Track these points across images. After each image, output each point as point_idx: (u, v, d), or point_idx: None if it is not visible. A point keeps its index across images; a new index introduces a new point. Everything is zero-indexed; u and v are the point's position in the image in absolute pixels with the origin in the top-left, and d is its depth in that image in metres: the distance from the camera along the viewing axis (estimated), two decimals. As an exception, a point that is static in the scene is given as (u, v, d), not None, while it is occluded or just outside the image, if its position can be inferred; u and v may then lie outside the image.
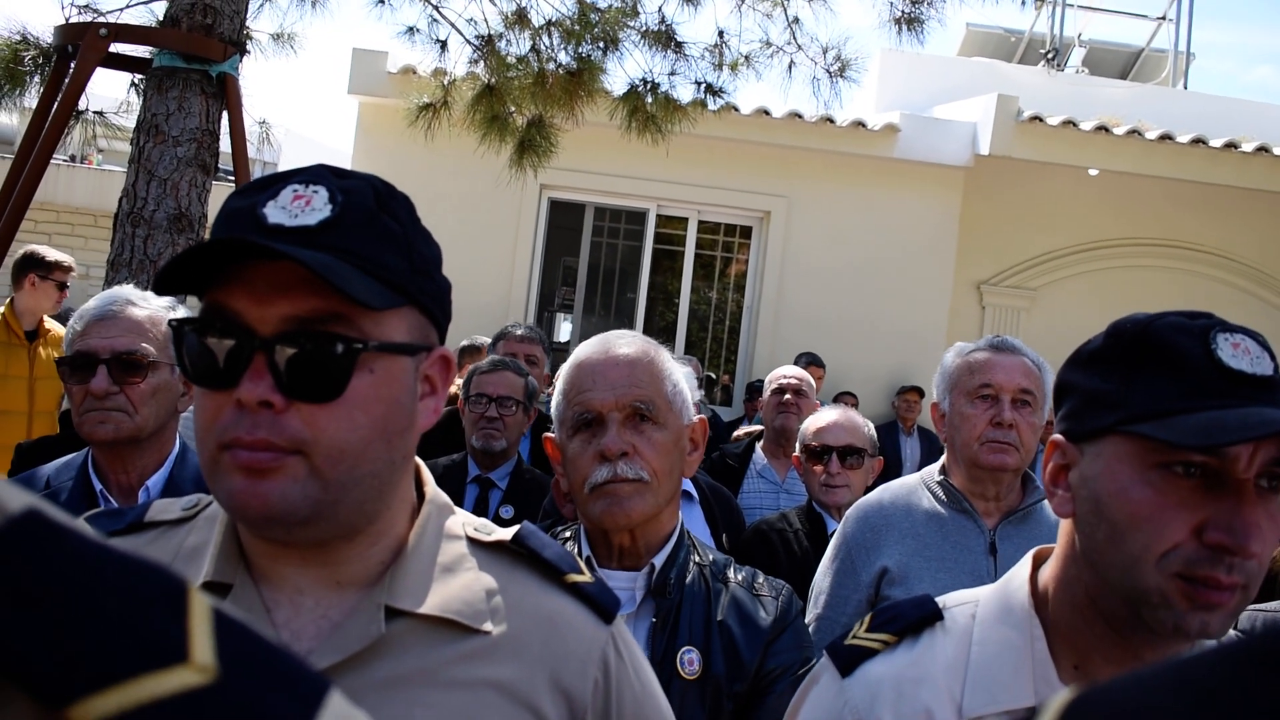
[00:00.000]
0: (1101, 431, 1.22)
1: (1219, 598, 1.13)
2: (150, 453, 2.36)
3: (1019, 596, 1.33)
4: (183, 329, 1.09)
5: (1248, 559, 1.12)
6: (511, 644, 1.17)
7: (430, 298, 1.16)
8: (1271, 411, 1.12)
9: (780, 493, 4.47)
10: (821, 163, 10.07)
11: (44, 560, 0.47)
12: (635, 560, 1.89)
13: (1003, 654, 1.29)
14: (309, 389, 1.04)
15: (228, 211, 1.10)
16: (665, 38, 7.33)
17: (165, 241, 4.83)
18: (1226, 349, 1.16)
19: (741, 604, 1.89)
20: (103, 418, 2.26)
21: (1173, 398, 1.15)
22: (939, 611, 1.38)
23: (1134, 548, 1.16)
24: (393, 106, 8.26)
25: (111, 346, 2.27)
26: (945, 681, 1.30)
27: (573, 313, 10.56)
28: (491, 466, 3.93)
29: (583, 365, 1.90)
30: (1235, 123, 10.60)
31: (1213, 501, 1.14)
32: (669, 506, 1.91)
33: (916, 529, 2.65)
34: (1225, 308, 10.37)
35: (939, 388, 2.77)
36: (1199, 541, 1.13)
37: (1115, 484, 1.19)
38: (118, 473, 2.34)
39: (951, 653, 1.32)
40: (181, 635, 0.48)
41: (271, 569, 1.13)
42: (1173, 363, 1.17)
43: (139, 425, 2.29)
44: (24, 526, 0.48)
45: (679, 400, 1.91)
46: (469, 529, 1.25)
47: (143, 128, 4.97)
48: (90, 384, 2.25)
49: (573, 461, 1.87)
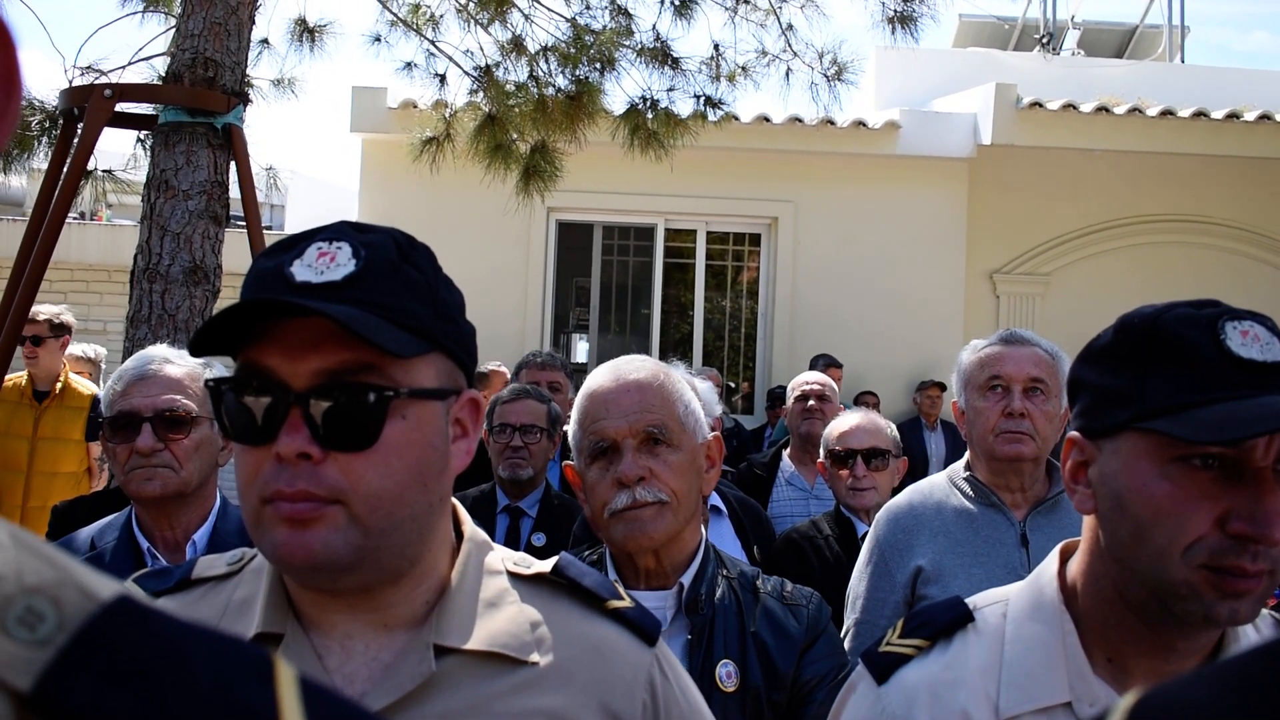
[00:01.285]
0: (1117, 428, 1.23)
1: (1246, 585, 1.14)
2: (194, 508, 2.39)
3: (1048, 593, 1.34)
4: (220, 389, 1.12)
5: (1272, 546, 1.14)
6: (559, 673, 1.19)
7: (456, 342, 1.19)
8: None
9: (810, 499, 4.48)
10: (825, 165, 10.09)
11: (139, 642, 0.50)
12: (662, 580, 1.92)
13: (1036, 651, 1.30)
14: (345, 439, 1.08)
15: (256, 272, 1.14)
16: (661, 54, 7.37)
17: (182, 295, 4.88)
18: (1235, 338, 1.17)
19: (773, 614, 1.92)
20: (149, 474, 2.30)
21: (1185, 391, 1.16)
22: (970, 613, 1.39)
23: (1159, 542, 1.18)
24: (396, 142, 8.32)
25: (154, 405, 2.31)
26: (981, 682, 1.31)
27: (588, 332, 10.59)
28: (520, 495, 3.95)
29: (595, 394, 1.92)
30: (1234, 92, 10.57)
31: (1232, 491, 1.15)
32: (691, 525, 1.94)
33: (947, 526, 2.67)
34: (1237, 277, 10.34)
35: (957, 386, 2.80)
36: (1222, 532, 1.14)
37: (1135, 480, 1.20)
38: (163, 529, 2.37)
39: (985, 653, 1.34)
40: (272, 704, 0.51)
41: (320, 616, 1.16)
42: (1183, 356, 1.18)
43: (185, 480, 2.32)
44: (117, 611, 0.51)
45: (692, 420, 1.93)
46: (509, 563, 1.28)
47: (152, 184, 5.02)
48: (136, 442, 2.29)
49: (592, 489, 1.90)
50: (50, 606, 0.50)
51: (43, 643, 0.48)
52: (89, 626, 0.50)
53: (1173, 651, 1.25)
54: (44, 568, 0.51)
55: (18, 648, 0.48)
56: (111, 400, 2.37)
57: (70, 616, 0.50)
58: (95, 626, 0.50)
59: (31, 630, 0.49)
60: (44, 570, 0.51)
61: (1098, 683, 1.26)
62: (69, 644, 0.49)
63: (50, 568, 0.52)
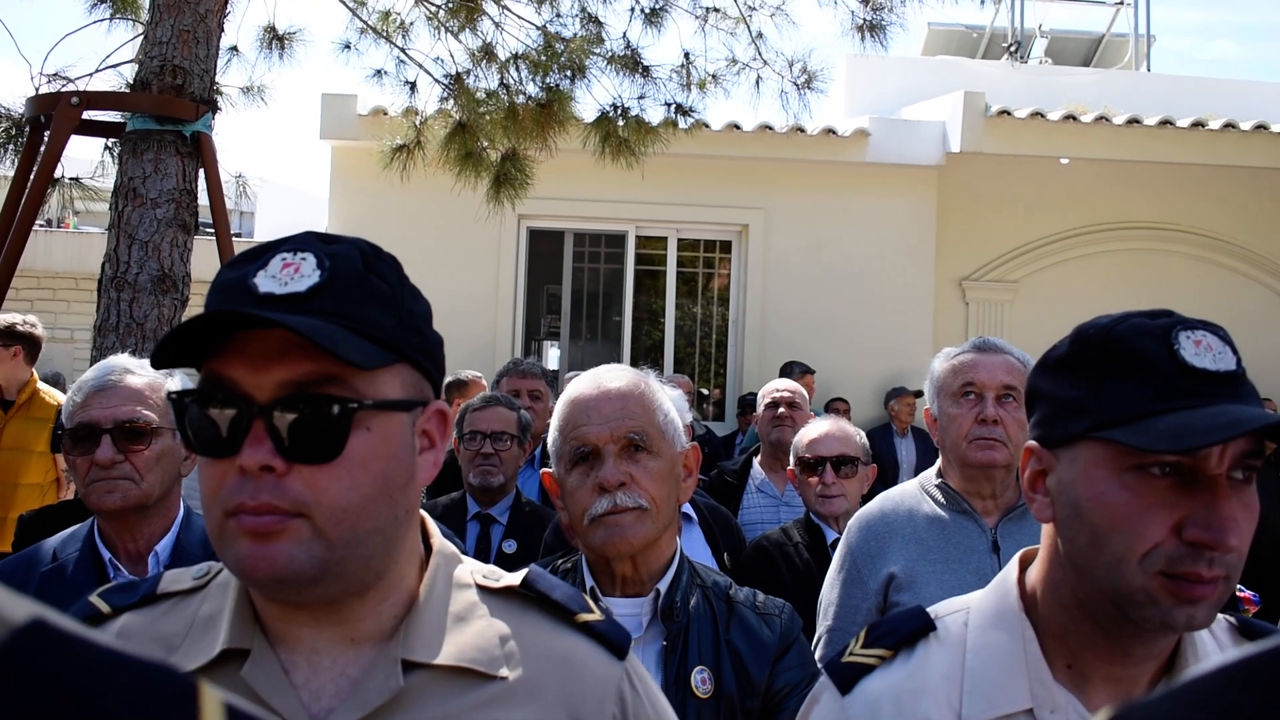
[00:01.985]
0: (1074, 437, 1.25)
1: (1202, 591, 1.16)
2: (157, 519, 2.36)
3: (1009, 600, 1.36)
4: (183, 401, 1.11)
5: (1227, 553, 1.16)
6: (528, 687, 1.19)
7: (422, 353, 1.18)
8: (1238, 409, 1.15)
9: (781, 506, 4.49)
10: (795, 172, 10.14)
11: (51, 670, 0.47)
12: (638, 587, 1.93)
13: (997, 658, 1.32)
14: (308, 451, 1.07)
15: (220, 284, 1.13)
16: (632, 62, 7.38)
17: (151, 304, 4.85)
18: (1189, 348, 1.19)
19: (747, 623, 1.94)
20: (110, 487, 2.27)
21: (1141, 401, 1.18)
22: (931, 622, 1.40)
23: (1116, 549, 1.19)
24: (365, 149, 8.30)
25: (114, 416, 2.28)
26: (943, 691, 1.32)
27: (559, 340, 10.59)
28: (490, 503, 3.94)
29: (576, 401, 1.94)
30: (1200, 100, 10.70)
31: (1189, 498, 1.17)
32: (668, 533, 1.95)
33: (919, 533, 2.68)
34: (1205, 285, 10.47)
35: (929, 393, 2.82)
36: (1179, 539, 1.16)
37: (1092, 489, 1.22)
38: (125, 541, 2.34)
39: (947, 661, 1.35)
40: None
41: (287, 631, 1.15)
42: (1138, 366, 1.20)
43: (146, 492, 2.30)
44: (28, 636, 0.47)
45: (671, 429, 1.96)
46: (478, 576, 1.28)
47: (120, 192, 4.98)
48: (95, 454, 2.26)
49: (572, 494, 1.92)
50: None
51: None
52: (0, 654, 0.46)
53: (1130, 657, 1.27)
54: None
55: None
56: (71, 411, 2.34)
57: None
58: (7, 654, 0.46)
59: None
60: None
61: (1058, 688, 1.28)
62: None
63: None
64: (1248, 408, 1.16)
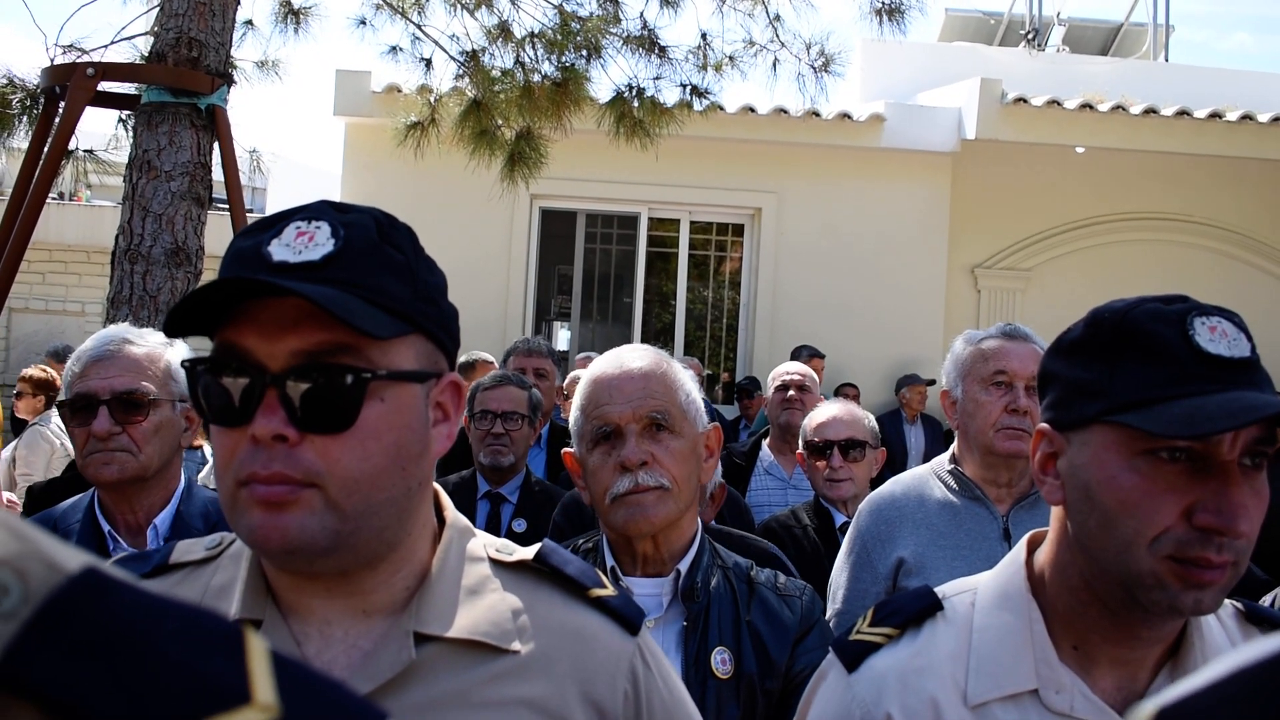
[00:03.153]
0: (1087, 421, 1.25)
1: (1211, 576, 1.16)
2: (156, 491, 2.33)
3: (1016, 582, 1.36)
4: (195, 369, 1.11)
5: (1237, 538, 1.16)
6: (540, 661, 1.19)
7: (437, 324, 1.18)
8: (1251, 395, 1.15)
9: (788, 489, 4.50)
10: (810, 157, 10.10)
11: (106, 614, 0.50)
12: (659, 567, 1.93)
13: (1003, 639, 1.32)
14: (321, 421, 1.06)
15: (234, 252, 1.12)
16: (648, 43, 7.36)
17: (164, 276, 4.86)
18: (1204, 334, 1.19)
19: (768, 604, 1.93)
20: (107, 459, 2.24)
21: (1154, 386, 1.18)
22: (939, 602, 1.41)
23: (1125, 533, 1.20)
24: (379, 126, 8.29)
25: (111, 387, 2.24)
26: (949, 670, 1.33)
27: (570, 321, 10.59)
28: (500, 481, 3.95)
29: (598, 380, 1.94)
30: (1218, 92, 10.63)
31: (1199, 484, 1.17)
32: (689, 513, 1.95)
33: (930, 519, 2.67)
34: (1219, 276, 10.41)
35: (949, 375, 2.77)
36: (1188, 524, 1.17)
37: (1104, 472, 1.22)
38: (125, 512, 2.32)
39: (953, 641, 1.35)
40: (243, 677, 0.51)
41: (299, 602, 1.15)
42: (1152, 351, 1.20)
43: (144, 464, 2.27)
44: (84, 584, 0.50)
45: (693, 409, 1.95)
46: (491, 550, 1.27)
47: (135, 164, 4.99)
48: (92, 426, 2.23)
49: (594, 474, 1.91)
50: (15, 579, 0.49)
51: (7, 616, 0.48)
52: (55, 599, 0.49)
53: (1137, 639, 1.27)
54: (9, 540, 0.50)
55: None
56: (70, 381, 2.30)
57: (35, 589, 0.49)
58: (61, 599, 0.49)
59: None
60: (9, 543, 0.50)
61: (1063, 670, 1.28)
62: (33, 617, 0.48)
63: (15, 540, 0.51)
64: (1261, 395, 1.16)
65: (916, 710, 1.32)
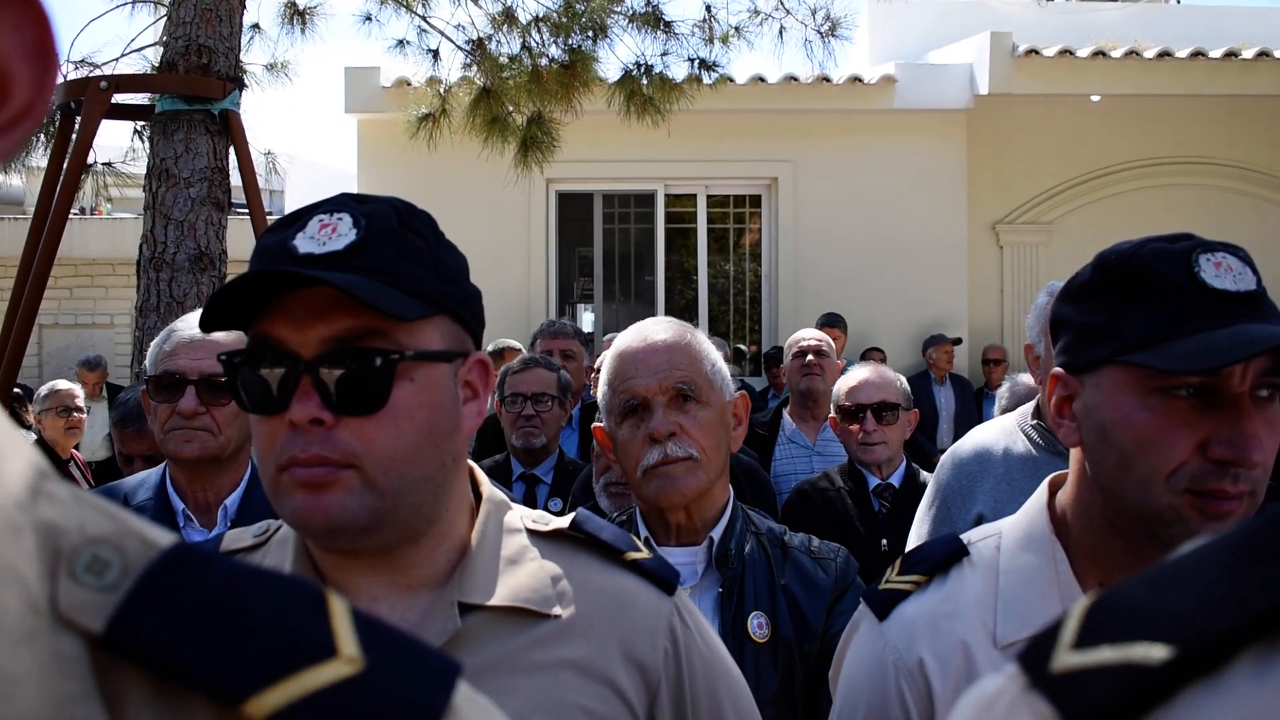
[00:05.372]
0: (1099, 363, 1.27)
1: (1229, 507, 1.19)
2: (229, 473, 2.42)
3: (1039, 523, 1.39)
4: (233, 361, 1.15)
5: (1252, 468, 1.18)
6: (582, 624, 1.23)
7: (460, 305, 1.22)
8: (1259, 327, 1.17)
9: (813, 455, 4.49)
10: (823, 123, 10.07)
11: (200, 583, 0.54)
12: (693, 536, 1.95)
13: (1030, 580, 1.35)
14: (355, 403, 1.10)
15: (261, 248, 1.17)
16: (653, 19, 7.35)
17: (189, 282, 4.92)
18: (1209, 270, 1.21)
19: (802, 567, 1.95)
20: (189, 436, 2.32)
21: (1163, 324, 1.20)
22: (964, 548, 1.44)
23: (1142, 470, 1.22)
24: (391, 120, 8.32)
25: (200, 368, 2.33)
26: (978, 613, 1.36)
27: (593, 302, 10.61)
28: (534, 463, 3.99)
29: (624, 354, 1.96)
30: (1233, 30, 10.49)
31: (1212, 417, 1.19)
32: (720, 481, 1.97)
33: (1011, 474, 2.62)
34: (1240, 217, 10.31)
35: (1033, 330, 2.74)
36: (1203, 457, 1.19)
37: (1118, 412, 1.24)
38: (197, 491, 2.40)
39: (980, 585, 1.38)
40: (329, 633, 0.55)
41: (345, 580, 1.20)
42: (1159, 289, 1.22)
43: (222, 445, 2.35)
44: (176, 557, 0.55)
45: (719, 378, 1.97)
46: (527, 521, 1.32)
47: (153, 173, 5.05)
48: (178, 404, 2.32)
49: (624, 447, 1.94)
50: (115, 554, 0.54)
51: (110, 588, 0.52)
52: (152, 571, 0.54)
53: None
54: (104, 520, 0.55)
55: (88, 593, 0.52)
56: (157, 359, 2.38)
57: (134, 563, 0.54)
58: (158, 571, 0.54)
59: (99, 577, 0.53)
60: (105, 523, 0.55)
61: None
62: (135, 588, 0.53)
63: (110, 520, 0.55)
64: (1269, 326, 1.18)
65: (947, 654, 1.34)
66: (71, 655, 0.50)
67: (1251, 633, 0.50)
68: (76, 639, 0.51)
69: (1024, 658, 0.57)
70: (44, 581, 0.51)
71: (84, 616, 0.51)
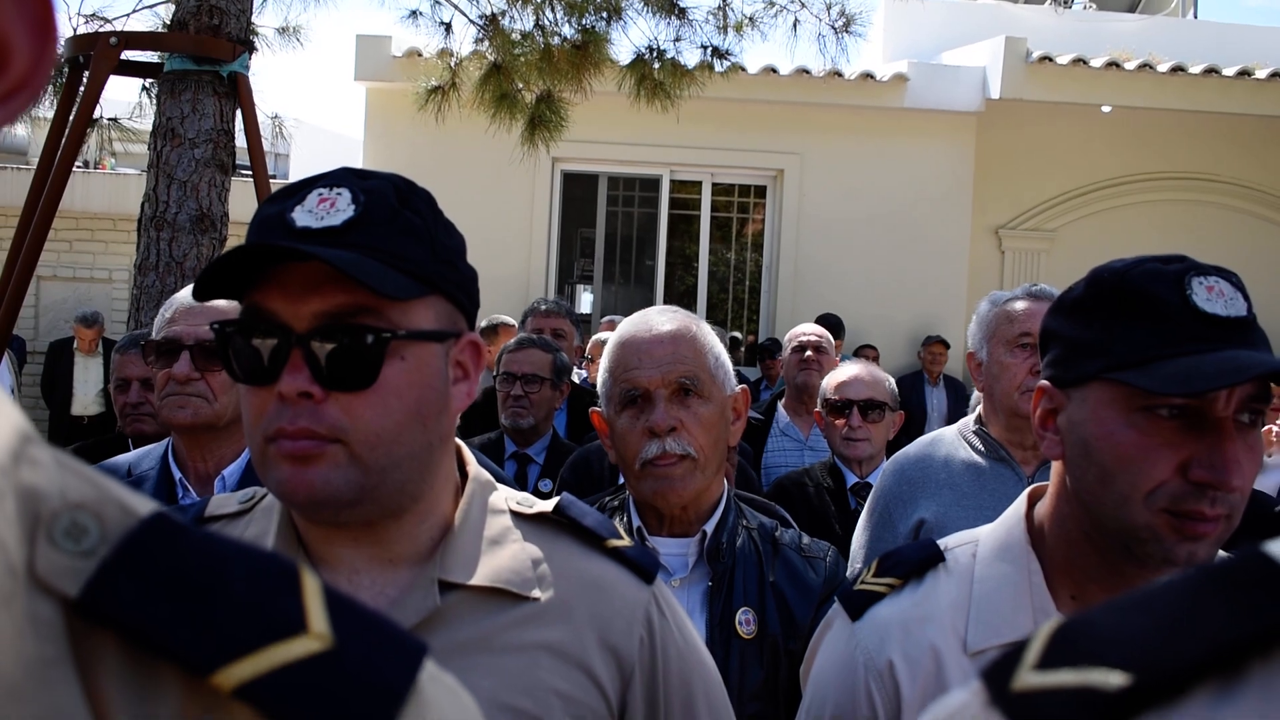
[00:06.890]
0: (1086, 378, 1.28)
1: (1204, 529, 1.20)
2: (228, 443, 2.40)
3: (1016, 534, 1.41)
4: (225, 330, 1.16)
5: (1230, 492, 1.19)
6: (560, 608, 1.24)
7: (455, 286, 1.22)
8: (1247, 354, 1.18)
9: (805, 450, 4.51)
10: (832, 117, 10.06)
11: (176, 553, 0.55)
12: (686, 528, 1.94)
13: (1003, 589, 1.37)
14: (345, 379, 1.11)
15: (259, 219, 1.17)
16: (668, 4, 7.32)
17: (190, 243, 4.92)
18: (1201, 293, 1.22)
19: (792, 565, 1.95)
20: (182, 402, 2.32)
21: (1152, 344, 1.21)
22: (941, 553, 1.45)
23: (1122, 487, 1.23)
24: (400, 91, 8.30)
25: (196, 334, 2.33)
26: (950, 619, 1.37)
27: (593, 284, 10.62)
28: (526, 443, 4.01)
29: (627, 343, 1.93)
30: (1247, 49, 10.49)
31: (1195, 439, 1.20)
32: (716, 475, 1.96)
33: (954, 480, 2.65)
34: (1244, 236, 10.33)
35: (975, 337, 2.76)
36: (1183, 478, 1.20)
37: (1102, 428, 1.25)
38: (196, 460, 2.40)
39: (954, 591, 1.39)
40: (299, 609, 0.56)
41: (328, 552, 1.21)
42: (1150, 310, 1.23)
43: (217, 412, 2.34)
44: (155, 526, 0.56)
45: (721, 372, 1.95)
46: (511, 503, 1.32)
47: (159, 132, 5.04)
48: (173, 369, 2.31)
49: (622, 437, 1.91)
50: (93, 521, 0.54)
51: (88, 553, 0.53)
52: (130, 539, 0.55)
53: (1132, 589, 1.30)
54: (85, 486, 0.56)
55: (65, 558, 0.53)
56: (160, 325, 2.39)
57: (112, 530, 0.55)
58: (136, 539, 0.55)
59: (77, 542, 0.53)
60: (85, 489, 0.56)
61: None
62: (112, 555, 0.54)
63: (91, 486, 0.56)
64: (1256, 353, 1.19)
65: (917, 658, 1.36)
66: (47, 619, 0.51)
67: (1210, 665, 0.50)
68: (53, 603, 0.52)
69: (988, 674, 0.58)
70: (22, 545, 0.52)
71: (60, 581, 0.52)
